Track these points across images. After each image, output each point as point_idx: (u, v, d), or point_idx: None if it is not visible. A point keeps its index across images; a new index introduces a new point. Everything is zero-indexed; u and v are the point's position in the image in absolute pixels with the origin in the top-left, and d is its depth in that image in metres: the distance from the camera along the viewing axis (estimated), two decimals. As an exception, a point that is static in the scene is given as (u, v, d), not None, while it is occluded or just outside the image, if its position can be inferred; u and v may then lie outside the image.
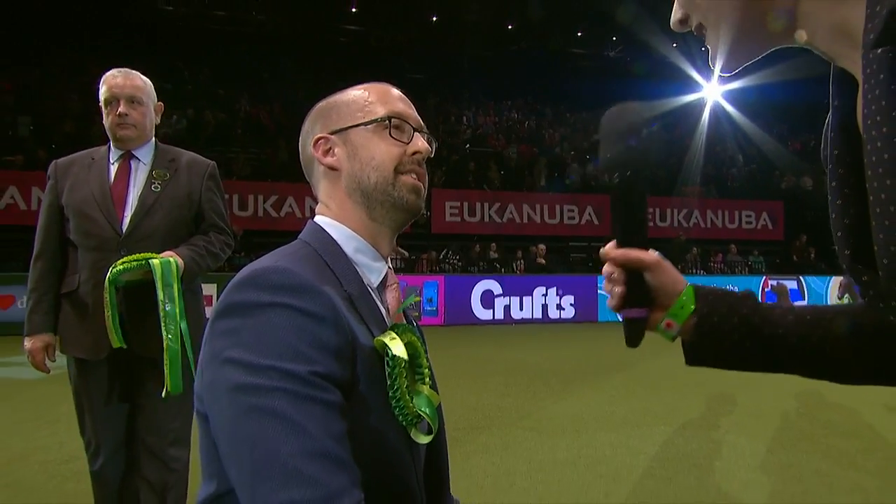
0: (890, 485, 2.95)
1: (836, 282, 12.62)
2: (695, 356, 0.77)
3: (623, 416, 4.27)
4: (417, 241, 13.06)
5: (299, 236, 0.91)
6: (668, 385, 5.41)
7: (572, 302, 11.89)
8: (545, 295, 11.81)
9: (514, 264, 12.81)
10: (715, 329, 0.74)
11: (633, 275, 0.76)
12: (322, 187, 0.95)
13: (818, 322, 0.73)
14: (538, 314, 11.76)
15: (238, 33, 18.58)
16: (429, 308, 10.92)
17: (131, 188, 2.08)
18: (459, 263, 12.52)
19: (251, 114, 15.94)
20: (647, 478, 3.02)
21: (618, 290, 0.76)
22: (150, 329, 2.00)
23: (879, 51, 0.47)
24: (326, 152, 0.93)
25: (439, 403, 0.92)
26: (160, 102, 2.20)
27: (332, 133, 0.93)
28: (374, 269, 0.91)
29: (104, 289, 1.92)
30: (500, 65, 20.47)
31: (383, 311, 0.90)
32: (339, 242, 0.89)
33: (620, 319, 0.78)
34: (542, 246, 13.02)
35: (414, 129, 0.95)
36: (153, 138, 2.18)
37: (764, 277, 13.24)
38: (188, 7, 18.09)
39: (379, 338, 0.83)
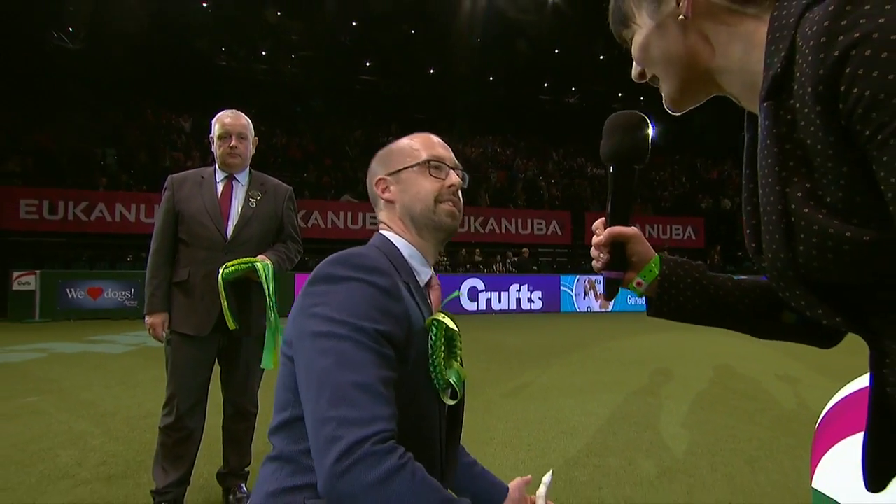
0: (778, 435, 3.04)
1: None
2: (656, 309, 0.77)
3: (580, 386, 4.31)
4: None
5: (369, 242, 0.95)
6: (615, 361, 5.48)
7: (541, 296, 11.95)
8: (519, 291, 11.87)
9: (495, 266, 12.92)
10: (673, 287, 0.75)
11: (616, 245, 0.77)
12: (384, 214, 0.99)
13: (751, 289, 0.75)
14: (513, 306, 11.80)
15: (275, 82, 18.53)
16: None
17: (234, 203, 2.09)
18: (448, 264, 12.59)
19: (285, 145, 15.94)
20: (597, 433, 3.08)
21: (603, 256, 0.77)
22: (243, 314, 2.03)
23: (765, 104, 0.51)
24: (385, 189, 0.97)
25: (465, 378, 0.93)
26: (256, 137, 2.21)
27: (389, 174, 0.97)
28: (422, 272, 0.95)
29: (218, 284, 1.92)
30: (484, 107, 20.50)
31: (430, 302, 0.94)
32: (399, 248, 0.93)
33: (602, 278, 0.79)
34: (524, 249, 13.30)
35: (450, 167, 0.98)
36: (248, 165, 2.18)
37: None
38: (238, 62, 18.10)
39: (432, 316, 0.86)
